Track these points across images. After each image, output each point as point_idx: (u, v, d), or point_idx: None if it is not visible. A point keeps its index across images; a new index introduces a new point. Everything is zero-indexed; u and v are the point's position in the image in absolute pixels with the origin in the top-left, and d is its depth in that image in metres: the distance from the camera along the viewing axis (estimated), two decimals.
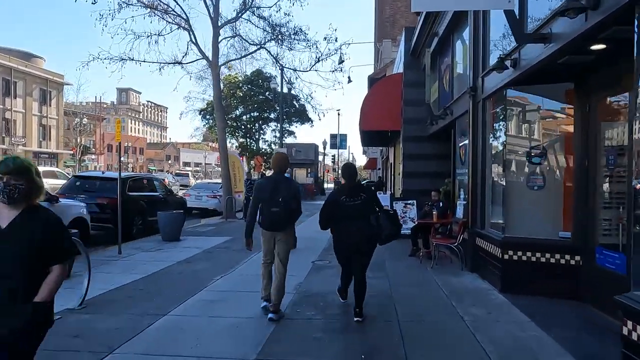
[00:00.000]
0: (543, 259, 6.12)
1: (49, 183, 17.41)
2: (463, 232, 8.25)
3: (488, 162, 7.52)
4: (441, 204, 9.56)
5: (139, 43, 47.05)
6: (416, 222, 9.74)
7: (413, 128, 13.62)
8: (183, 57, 20.31)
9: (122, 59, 18.28)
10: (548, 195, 6.38)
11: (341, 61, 17.24)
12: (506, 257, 6.35)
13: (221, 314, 5.66)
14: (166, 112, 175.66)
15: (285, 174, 5.67)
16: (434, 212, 9.14)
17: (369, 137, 19.20)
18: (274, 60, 18.72)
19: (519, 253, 6.26)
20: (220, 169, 19.33)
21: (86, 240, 10.26)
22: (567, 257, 5.98)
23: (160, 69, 19.83)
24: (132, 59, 18.48)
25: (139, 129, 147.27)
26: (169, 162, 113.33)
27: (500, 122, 6.99)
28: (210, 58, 18.58)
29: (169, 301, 6.07)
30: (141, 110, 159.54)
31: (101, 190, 12.45)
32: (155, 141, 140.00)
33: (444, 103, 10.89)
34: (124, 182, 12.67)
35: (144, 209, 13.11)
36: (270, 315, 5.24)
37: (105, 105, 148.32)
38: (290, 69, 19.27)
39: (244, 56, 19.36)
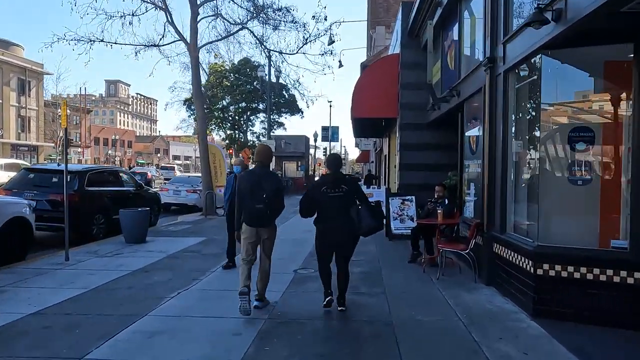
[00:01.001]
0: (590, 276, 4.67)
1: (9, 176, 15.72)
2: (475, 235, 6.79)
3: (511, 151, 6.05)
4: (447, 201, 8.10)
5: (111, 24, 44.77)
6: (417, 222, 8.22)
7: (411, 114, 12.14)
8: (160, 39, 18.65)
9: (91, 40, 16.63)
10: (597, 192, 4.93)
11: (331, 42, 15.66)
12: (540, 271, 4.89)
13: (160, 355, 4.14)
14: (156, 104, 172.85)
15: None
16: (438, 211, 7.67)
17: (362, 127, 17.69)
18: (258, 42, 17.10)
19: (558, 267, 4.81)
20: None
21: (28, 244, 8.75)
22: (623, 273, 4.54)
23: (136, 53, 18.29)
24: (102, 41, 16.84)
25: (128, 122, 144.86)
26: (158, 155, 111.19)
27: (530, 99, 5.51)
28: (188, 40, 16.96)
29: (94, 335, 4.53)
30: (130, 103, 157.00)
31: (56, 185, 10.84)
32: (145, 134, 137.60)
33: (448, 84, 9.40)
34: (82, 176, 11.11)
35: (108, 206, 11.52)
36: (255, 303, 5.34)
37: (93, 98, 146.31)
38: (275, 51, 17.68)
39: (225, 37, 17.68)
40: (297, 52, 16.56)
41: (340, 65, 18.08)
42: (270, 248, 5.43)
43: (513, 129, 6.06)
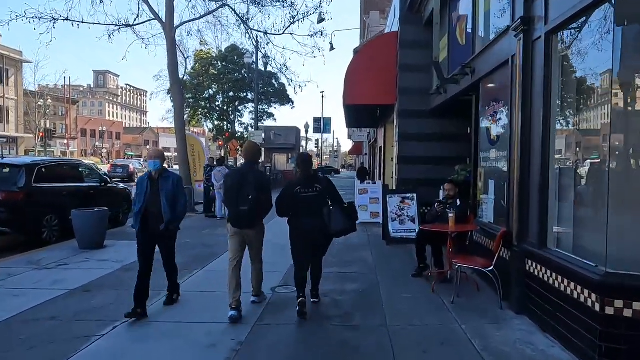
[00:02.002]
0: None
1: None
2: (501, 248, 5.35)
3: (553, 137, 4.58)
4: (458, 202, 6.64)
5: (79, 2, 42.68)
6: (423, 228, 6.74)
7: (411, 100, 10.65)
8: (135, 19, 16.96)
9: (54, 19, 14.94)
10: None
11: (321, 20, 14.08)
12: (610, 310, 3.45)
13: None
14: (146, 95, 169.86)
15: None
16: (450, 215, 6.20)
17: (355, 116, 16.18)
18: (240, 20, 15.47)
19: (639, 306, 3.36)
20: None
21: None
22: None
23: (109, 35, 16.67)
24: (67, 19, 15.16)
25: (117, 113, 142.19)
26: (147, 147, 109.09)
27: (590, 67, 4.03)
28: (164, 19, 15.33)
29: None
30: (119, 94, 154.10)
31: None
32: (134, 125, 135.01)
33: (458, 62, 7.92)
34: (29, 171, 9.50)
35: (63, 204, 9.92)
36: (252, 298, 5.35)
37: (82, 89, 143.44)
38: (260, 31, 16.04)
39: (204, 15, 16.05)
40: (283, 33, 15.01)
41: (332, 48, 16.53)
42: (259, 250, 5.29)
43: (561, 106, 4.58)
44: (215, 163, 14.12)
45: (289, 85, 15.95)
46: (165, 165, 5.49)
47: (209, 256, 8.19)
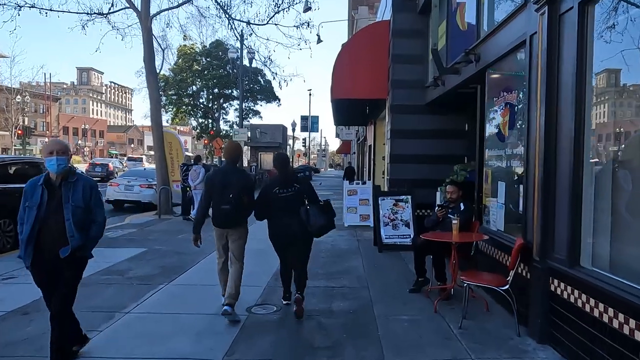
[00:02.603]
0: None
1: None
2: (518, 263, 4.52)
3: (588, 133, 3.75)
4: (462, 207, 5.81)
5: None
6: (423, 237, 5.86)
7: (405, 94, 9.82)
8: (110, 8, 15.88)
9: (19, 5, 13.86)
10: None
11: (307, 8, 13.15)
12: None
13: None
14: (131, 93, 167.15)
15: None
16: (453, 222, 5.37)
17: (344, 113, 15.32)
18: (221, 9, 14.51)
19: None
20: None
21: None
22: None
23: (83, 26, 15.59)
24: (34, 6, 14.09)
25: (101, 111, 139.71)
26: (132, 145, 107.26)
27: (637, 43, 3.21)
28: (139, 7, 14.31)
29: None
30: (104, 92, 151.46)
31: None
32: (120, 124, 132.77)
33: (459, 49, 7.09)
34: None
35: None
36: (225, 308, 4.80)
37: (65, 86, 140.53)
38: (242, 21, 15.06)
39: (182, 4, 15.04)
40: (267, 23, 14.08)
41: (319, 41, 15.61)
42: (241, 251, 5.09)
43: (593, 98, 3.75)
44: (192, 162, 13.15)
45: (274, 79, 15.14)
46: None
47: (181, 266, 7.26)
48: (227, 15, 14.61)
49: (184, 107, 35.36)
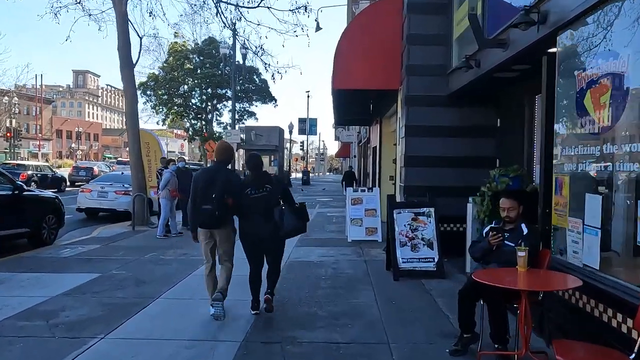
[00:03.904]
0: None
1: None
2: None
3: None
4: (524, 229, 4.00)
5: None
6: (476, 279, 3.93)
7: (423, 82, 8.05)
8: None
9: None
10: None
11: None
12: None
13: None
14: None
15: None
16: (519, 254, 3.56)
17: (345, 109, 13.48)
18: None
19: None
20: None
21: None
22: None
23: (55, 14, 13.85)
24: None
25: (97, 114, 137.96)
26: (127, 149, 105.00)
27: None
28: None
29: None
30: (100, 95, 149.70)
31: None
32: (116, 127, 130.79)
33: (505, 14, 5.30)
34: None
35: None
36: (212, 304, 4.82)
37: (60, 89, 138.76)
38: (229, 3, 13.25)
39: None
40: (258, 5, 12.30)
41: (318, 28, 13.80)
42: (229, 252, 5.03)
43: None
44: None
45: (266, 71, 13.45)
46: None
47: (134, 304, 5.42)
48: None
49: (175, 107, 33.49)
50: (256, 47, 16.71)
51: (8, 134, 47.47)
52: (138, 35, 13.42)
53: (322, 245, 9.57)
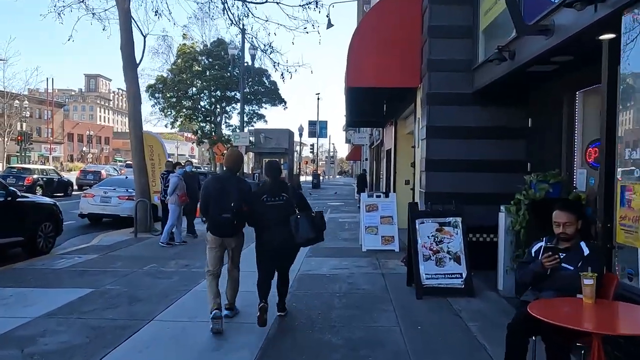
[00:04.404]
0: None
1: None
2: None
3: None
4: (586, 250, 3.28)
5: None
6: (531, 312, 3.19)
7: (446, 79, 7.37)
8: None
9: None
10: None
11: None
12: None
13: None
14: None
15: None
16: (585, 282, 2.86)
17: (359, 110, 12.78)
18: None
19: None
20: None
21: None
22: None
23: (59, 14, 13.39)
24: None
25: (108, 118, 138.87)
26: None
27: None
28: None
29: None
30: (111, 98, 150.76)
31: None
32: (126, 130, 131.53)
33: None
34: None
35: None
36: (225, 312, 4.94)
37: (72, 92, 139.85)
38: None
39: None
40: (267, 1, 11.67)
41: (330, 25, 13.16)
42: (238, 258, 5.10)
43: None
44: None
45: (275, 70, 12.82)
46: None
47: (125, 328, 4.78)
48: None
49: (184, 110, 33.02)
50: (264, 44, 16.08)
51: (19, 138, 47.50)
52: (142, 34, 12.84)
53: (335, 255, 8.89)
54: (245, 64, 23.09)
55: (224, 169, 5.14)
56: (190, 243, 10.27)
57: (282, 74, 14.96)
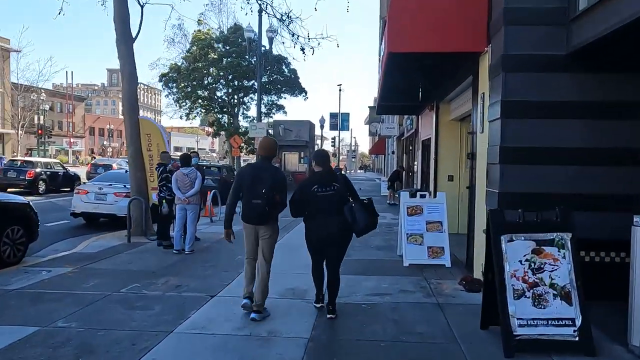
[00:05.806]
0: None
1: None
2: None
3: None
4: None
5: None
6: None
7: (529, 35, 5.27)
8: None
9: None
10: None
11: None
12: None
13: None
14: (160, 94, 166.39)
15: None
16: None
17: (393, 90, 10.62)
18: None
19: None
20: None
21: None
22: None
23: None
24: None
25: None
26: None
27: None
28: None
29: None
30: None
31: None
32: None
33: None
34: None
35: None
36: (252, 315, 4.80)
37: (95, 87, 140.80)
38: None
39: None
40: None
41: None
42: (270, 251, 4.94)
43: None
44: (178, 161, 8.78)
45: (294, 44, 11.09)
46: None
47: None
48: None
49: (200, 100, 31.32)
50: (281, 14, 14.07)
51: (40, 132, 46.77)
52: (139, 3, 10.97)
53: (369, 271, 6.93)
54: (263, 48, 21.18)
55: (259, 157, 5.10)
56: (198, 251, 8.39)
57: (302, 48, 12.82)
